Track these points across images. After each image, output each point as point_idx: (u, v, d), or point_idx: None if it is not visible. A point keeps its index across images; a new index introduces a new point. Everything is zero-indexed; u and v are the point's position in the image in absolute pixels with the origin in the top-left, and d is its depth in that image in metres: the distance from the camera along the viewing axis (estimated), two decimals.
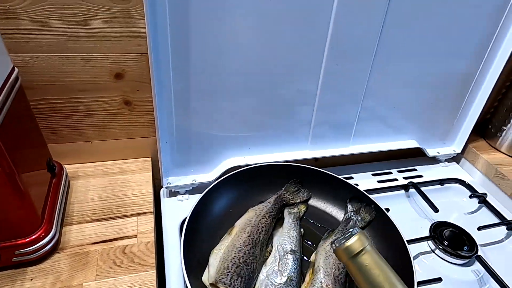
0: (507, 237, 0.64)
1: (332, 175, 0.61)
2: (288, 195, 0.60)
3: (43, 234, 0.46)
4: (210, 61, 0.53)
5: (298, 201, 0.60)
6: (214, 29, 0.50)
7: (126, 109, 0.58)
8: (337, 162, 0.75)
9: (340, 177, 0.62)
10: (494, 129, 0.80)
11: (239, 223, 0.53)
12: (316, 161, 0.73)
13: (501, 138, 0.78)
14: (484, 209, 0.69)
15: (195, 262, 0.48)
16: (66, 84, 0.52)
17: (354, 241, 0.27)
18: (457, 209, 0.70)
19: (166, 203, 0.62)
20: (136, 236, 0.51)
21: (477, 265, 0.57)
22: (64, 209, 0.53)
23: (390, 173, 0.76)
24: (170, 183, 0.62)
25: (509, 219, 0.65)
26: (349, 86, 0.63)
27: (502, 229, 0.65)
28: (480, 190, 0.72)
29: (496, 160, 0.76)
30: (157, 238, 0.57)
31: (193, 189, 0.64)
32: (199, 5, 0.47)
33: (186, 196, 0.64)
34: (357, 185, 0.68)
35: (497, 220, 0.65)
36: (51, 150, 0.54)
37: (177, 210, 0.61)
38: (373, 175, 0.75)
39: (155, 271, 0.46)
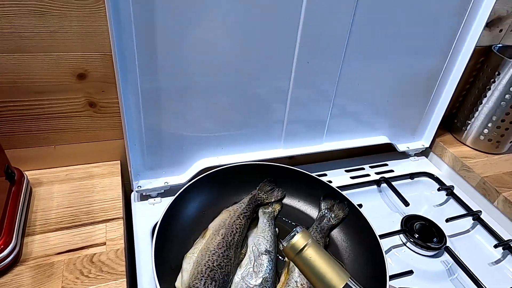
0: (473, 227, 0.67)
1: (305, 173, 0.61)
2: (262, 194, 0.60)
3: (2, 247, 0.43)
4: (179, 59, 0.51)
5: (273, 200, 0.60)
6: (182, 26, 0.48)
7: (91, 111, 0.55)
8: (311, 159, 0.75)
9: (314, 174, 0.63)
10: (459, 123, 0.83)
11: (213, 225, 0.52)
12: (290, 159, 0.73)
13: (466, 132, 0.81)
14: (452, 201, 0.72)
15: (167, 267, 0.47)
16: (23, 85, 0.49)
17: (298, 239, 0.31)
18: (426, 202, 0.72)
19: (137, 207, 0.60)
20: (104, 243, 0.49)
21: (446, 256, 0.59)
22: (25, 219, 0.50)
23: (363, 168, 0.77)
24: (140, 186, 0.60)
25: (474, 210, 0.68)
26: (320, 83, 0.63)
27: (469, 220, 0.67)
28: (448, 182, 0.74)
29: (462, 153, 0.79)
30: (128, 244, 0.55)
31: (165, 192, 0.62)
32: (165, 1, 0.45)
33: (158, 199, 0.62)
34: (330, 182, 0.68)
35: (463, 211, 0.67)
36: (9, 156, 0.51)
37: (149, 214, 0.59)
38: (346, 171, 0.76)
39: (125, 279, 0.45)
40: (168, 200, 0.53)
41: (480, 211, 0.67)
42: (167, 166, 0.62)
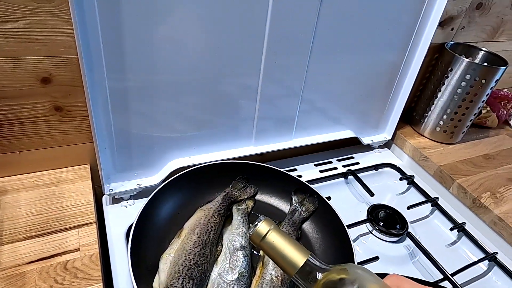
0: (431, 212, 0.72)
1: (276, 169, 0.63)
2: (236, 192, 0.61)
3: None
4: (147, 60, 0.51)
5: (246, 197, 0.62)
6: (149, 25, 0.48)
7: (57, 115, 0.54)
8: (281, 155, 0.78)
9: (284, 170, 0.65)
10: (418, 116, 0.88)
11: (188, 225, 0.53)
12: (261, 156, 0.75)
13: (424, 124, 0.87)
14: (412, 189, 0.77)
15: (144, 269, 0.47)
16: None
17: (261, 226, 0.34)
18: (390, 191, 0.77)
19: (110, 210, 0.60)
20: (78, 249, 0.48)
21: (408, 241, 0.64)
22: None
23: (331, 162, 0.80)
24: (112, 189, 0.59)
25: (432, 196, 0.73)
26: (289, 80, 0.65)
27: (428, 206, 0.72)
28: (408, 172, 0.79)
29: (420, 144, 0.84)
30: (102, 249, 0.54)
31: (137, 194, 0.62)
32: (131, 1, 0.45)
33: (131, 201, 0.62)
34: (300, 176, 0.71)
35: (423, 199, 0.73)
36: None
37: (122, 217, 0.59)
38: (315, 165, 0.79)
39: (101, 284, 0.45)
40: (142, 202, 0.53)
41: (438, 198, 0.73)
42: (139, 168, 0.62)
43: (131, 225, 0.50)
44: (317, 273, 0.33)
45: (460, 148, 0.85)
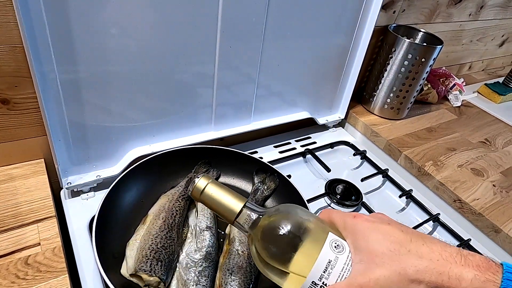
0: (383, 183, 0.78)
1: (237, 151, 0.65)
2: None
3: None
4: (98, 48, 0.50)
5: None
6: (99, 12, 0.47)
7: (4, 109, 0.51)
8: (242, 139, 0.79)
9: (245, 152, 0.67)
10: (367, 95, 0.94)
11: (153, 211, 0.54)
12: (222, 140, 0.76)
13: (373, 102, 0.92)
14: (365, 163, 0.82)
15: (110, 257, 0.47)
16: None
17: (200, 181, 0.37)
18: (345, 166, 0.82)
19: (69, 204, 0.59)
20: (39, 244, 0.47)
21: (363, 210, 0.69)
22: None
23: (289, 143, 0.84)
24: (70, 183, 0.58)
25: (383, 168, 0.79)
26: (244, 65, 0.67)
27: (379, 178, 0.78)
28: (361, 148, 0.85)
29: (371, 121, 0.90)
30: (64, 242, 0.53)
31: (98, 186, 0.61)
32: None
33: (91, 193, 0.61)
34: (261, 158, 0.73)
35: (375, 171, 0.78)
36: None
37: (83, 210, 0.58)
38: (275, 147, 0.82)
39: (67, 275, 0.44)
40: (103, 194, 0.53)
41: (388, 169, 0.79)
42: (98, 159, 0.61)
43: (94, 216, 0.49)
44: (255, 216, 0.35)
45: (406, 123, 0.92)
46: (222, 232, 0.55)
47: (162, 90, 0.60)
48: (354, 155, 0.83)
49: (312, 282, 0.31)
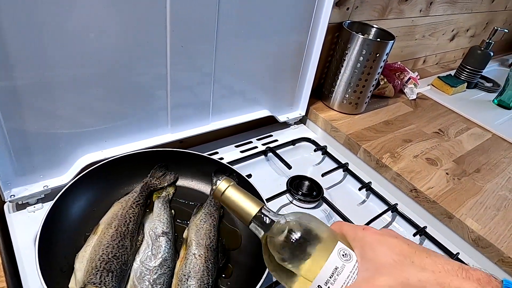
0: (344, 177, 0.80)
1: (194, 153, 0.64)
2: (155, 180, 0.61)
3: None
4: (36, 55, 0.47)
5: (166, 184, 0.61)
6: (36, 14, 0.44)
7: None
8: (202, 140, 0.78)
9: (206, 154, 0.66)
10: (326, 91, 0.95)
11: (104, 220, 0.51)
12: (181, 143, 0.75)
13: (332, 98, 0.94)
14: (326, 159, 0.83)
15: (57, 272, 0.45)
16: None
17: (221, 184, 0.40)
18: (307, 163, 0.82)
19: (14, 218, 0.55)
20: None
21: (324, 205, 0.70)
22: None
23: (251, 142, 0.83)
24: (14, 195, 0.54)
25: (343, 162, 0.80)
26: (198, 66, 0.65)
27: (340, 172, 0.79)
28: (322, 143, 0.86)
29: (330, 117, 0.91)
30: (10, 258, 0.50)
31: (46, 196, 0.58)
32: None
33: (39, 205, 0.57)
34: (222, 159, 0.73)
35: (335, 165, 0.79)
36: None
37: (30, 223, 0.54)
38: (236, 146, 0.81)
39: None
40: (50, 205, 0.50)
41: (348, 163, 0.80)
42: (45, 168, 0.57)
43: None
44: (270, 220, 0.38)
45: (364, 117, 0.94)
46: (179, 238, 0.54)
47: (112, 93, 0.58)
48: (315, 150, 0.84)
49: (318, 286, 0.33)
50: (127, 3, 0.51)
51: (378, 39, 0.88)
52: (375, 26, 0.92)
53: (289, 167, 0.74)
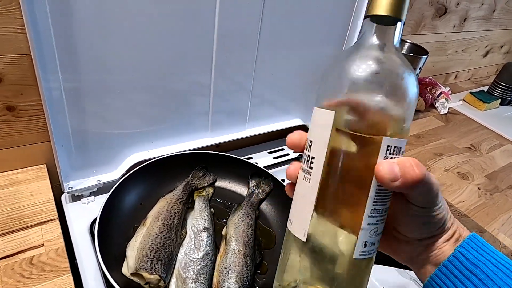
0: None
1: (233, 156, 0.68)
2: (196, 180, 0.65)
3: None
4: (99, 60, 0.53)
5: (206, 184, 0.65)
6: (100, 27, 0.50)
7: (9, 116, 0.53)
8: (237, 145, 0.82)
9: (241, 157, 0.70)
10: None
11: (152, 214, 0.56)
12: (217, 147, 0.79)
13: None
14: None
15: (112, 258, 0.49)
16: None
17: None
18: None
19: (70, 208, 0.60)
20: (42, 245, 0.49)
21: None
22: None
23: (283, 149, 0.87)
24: (71, 187, 0.60)
25: None
26: (239, 75, 0.70)
27: None
28: None
29: None
30: (66, 244, 0.55)
31: (98, 190, 0.63)
32: (82, 2, 0.47)
33: (92, 198, 0.63)
34: (256, 163, 0.76)
35: None
36: None
37: (84, 213, 0.59)
38: (269, 153, 0.84)
39: (70, 274, 0.46)
40: (102, 198, 0.54)
41: None
42: (98, 165, 0.63)
43: (95, 219, 0.51)
44: None
45: None
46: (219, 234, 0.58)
47: (160, 98, 0.63)
48: None
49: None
50: (181, 18, 0.56)
51: (411, 54, 0.90)
52: (408, 41, 0.94)
53: None
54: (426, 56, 0.85)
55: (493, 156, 0.93)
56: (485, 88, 1.29)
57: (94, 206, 0.61)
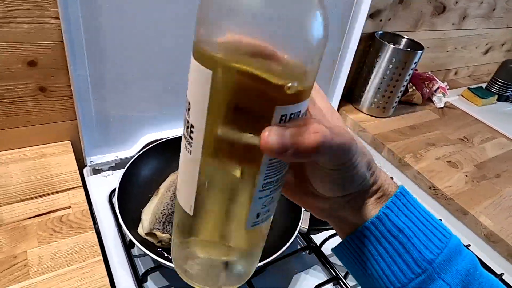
0: None
1: None
2: None
3: None
4: (120, 51, 0.60)
5: None
6: (122, 23, 0.57)
7: (41, 95, 0.61)
8: None
9: None
10: (356, 95, 1.03)
11: (164, 185, 0.63)
12: None
13: (362, 101, 1.02)
14: None
15: (129, 219, 0.56)
16: None
17: None
18: None
19: (91, 180, 0.68)
20: (70, 207, 0.56)
21: None
22: None
23: None
24: (93, 161, 0.67)
25: None
26: None
27: None
28: None
29: (359, 118, 0.99)
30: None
31: (116, 165, 0.70)
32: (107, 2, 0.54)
33: (110, 172, 0.70)
34: None
35: None
36: None
37: (103, 185, 0.67)
38: None
39: (94, 231, 0.53)
40: (120, 172, 0.62)
41: None
42: (116, 143, 0.70)
43: (114, 189, 0.59)
44: None
45: (391, 121, 1.01)
46: None
47: (173, 86, 0.70)
48: None
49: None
50: (190, 13, 0.63)
51: (408, 49, 0.96)
52: (405, 37, 0.99)
53: None
54: (421, 51, 0.91)
55: (484, 147, 0.98)
56: (484, 85, 1.33)
57: (112, 179, 0.68)
